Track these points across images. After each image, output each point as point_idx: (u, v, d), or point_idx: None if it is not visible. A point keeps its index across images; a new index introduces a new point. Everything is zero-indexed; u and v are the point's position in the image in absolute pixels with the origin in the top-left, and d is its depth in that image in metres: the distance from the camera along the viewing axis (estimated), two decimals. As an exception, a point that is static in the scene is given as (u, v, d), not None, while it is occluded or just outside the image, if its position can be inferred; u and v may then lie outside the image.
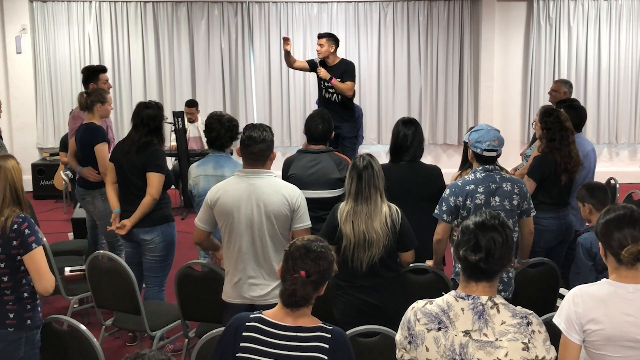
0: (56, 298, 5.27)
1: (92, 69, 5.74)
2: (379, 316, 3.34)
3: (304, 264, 2.37)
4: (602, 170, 6.83)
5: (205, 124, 4.39)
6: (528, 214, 3.70)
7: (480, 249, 2.24)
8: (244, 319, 2.42)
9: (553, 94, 6.20)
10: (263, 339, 2.35)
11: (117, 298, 4.07)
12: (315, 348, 2.33)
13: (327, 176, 4.24)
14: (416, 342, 2.30)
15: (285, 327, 2.37)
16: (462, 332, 2.23)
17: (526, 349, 2.19)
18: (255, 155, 3.43)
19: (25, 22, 9.83)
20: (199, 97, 9.91)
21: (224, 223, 3.44)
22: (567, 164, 4.35)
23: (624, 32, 10.30)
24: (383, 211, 3.40)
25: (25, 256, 2.97)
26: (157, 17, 10.09)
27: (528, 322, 2.24)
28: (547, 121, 4.40)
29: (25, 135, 10.02)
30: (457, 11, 10.26)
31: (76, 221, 6.06)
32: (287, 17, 10.18)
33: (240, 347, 2.35)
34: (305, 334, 2.35)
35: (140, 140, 4.46)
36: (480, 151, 3.63)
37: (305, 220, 3.46)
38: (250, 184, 3.39)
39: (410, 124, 4.29)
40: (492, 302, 2.25)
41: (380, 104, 10.39)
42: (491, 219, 2.31)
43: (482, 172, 3.61)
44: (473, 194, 3.56)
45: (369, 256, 3.38)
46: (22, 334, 3.04)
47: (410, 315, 2.35)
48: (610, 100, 10.42)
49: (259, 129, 3.46)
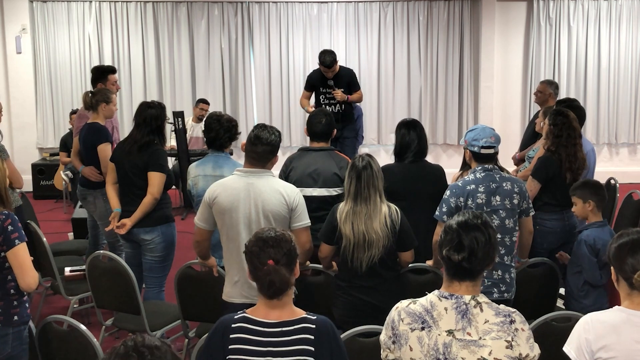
0: (56, 298, 5.27)
1: (101, 69, 5.75)
2: (378, 316, 3.32)
3: (266, 254, 2.37)
4: (602, 170, 6.83)
5: (205, 124, 4.39)
6: (527, 213, 3.69)
7: (463, 249, 2.24)
8: (229, 321, 2.40)
9: (539, 95, 6.13)
10: (251, 338, 2.35)
11: (117, 298, 4.07)
12: (301, 340, 2.34)
13: (327, 175, 4.24)
14: (400, 342, 2.31)
15: (271, 324, 2.37)
16: (446, 332, 2.24)
17: (510, 347, 2.19)
18: (257, 155, 3.43)
19: (25, 22, 9.83)
20: (199, 97, 9.90)
21: (222, 222, 3.45)
22: (572, 163, 4.33)
23: (624, 32, 10.30)
24: (382, 211, 3.40)
25: (8, 252, 2.98)
26: (157, 17, 10.09)
27: (511, 320, 2.24)
28: (556, 119, 4.39)
29: (25, 135, 10.02)
30: (457, 11, 10.27)
31: (76, 221, 6.06)
32: (287, 17, 10.18)
33: (230, 349, 2.35)
34: (290, 327, 2.36)
35: (142, 140, 4.46)
36: (478, 149, 3.61)
37: (304, 219, 3.46)
38: (248, 183, 3.40)
39: (413, 125, 4.30)
40: (475, 302, 2.26)
41: (380, 104, 10.39)
42: (474, 219, 2.31)
43: (481, 171, 3.61)
44: (474, 193, 3.55)
45: (368, 256, 3.38)
46: (9, 330, 3.04)
47: (394, 315, 2.37)
48: (610, 100, 10.43)
49: (268, 130, 3.46)
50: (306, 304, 3.38)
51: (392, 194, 3.58)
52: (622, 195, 5.70)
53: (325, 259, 3.68)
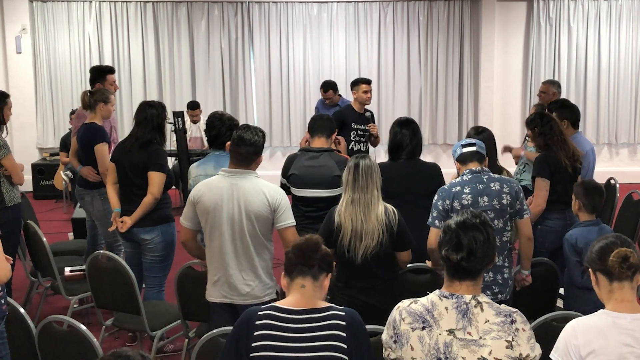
0: (56, 298, 5.27)
1: (100, 69, 5.74)
2: (377, 317, 3.32)
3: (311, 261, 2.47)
4: (602, 170, 6.82)
5: (207, 122, 4.43)
6: (521, 215, 3.63)
7: (462, 248, 2.25)
8: (256, 310, 2.44)
9: (542, 95, 6.17)
10: (278, 324, 2.37)
11: (117, 298, 4.07)
12: (333, 326, 2.36)
13: (327, 175, 4.24)
14: (401, 341, 2.32)
15: (298, 311, 2.40)
16: (447, 331, 2.24)
17: (510, 347, 2.20)
18: (241, 156, 3.46)
19: (25, 22, 9.83)
20: (199, 97, 9.92)
21: (205, 221, 3.47)
22: (569, 158, 4.37)
23: (624, 32, 10.31)
24: (380, 205, 3.41)
25: None
26: (157, 17, 10.09)
27: (512, 320, 2.24)
28: (539, 125, 4.43)
29: (25, 135, 10.02)
30: (457, 11, 10.27)
31: (76, 221, 6.07)
32: (287, 17, 10.18)
33: (255, 336, 2.36)
34: (319, 314, 2.39)
35: (143, 137, 4.47)
36: (460, 150, 3.67)
37: (288, 219, 3.46)
38: (232, 183, 3.42)
39: (406, 123, 4.30)
40: (475, 301, 2.26)
41: (380, 104, 10.39)
42: (472, 218, 2.32)
43: (469, 174, 3.63)
44: (459, 194, 3.55)
45: (364, 246, 3.38)
46: None
47: (395, 314, 2.37)
48: (610, 100, 10.43)
49: (252, 131, 3.48)
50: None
51: (385, 192, 3.58)
52: (622, 195, 5.70)
53: (324, 260, 3.68)
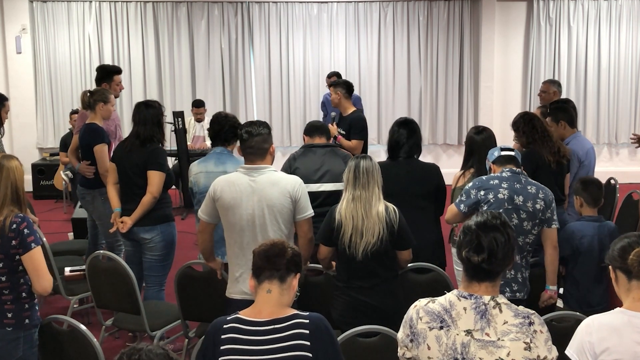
0: (56, 298, 5.27)
1: (107, 69, 5.73)
2: (377, 316, 3.34)
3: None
4: (602, 170, 6.82)
5: (211, 120, 4.47)
6: (550, 224, 3.66)
7: (482, 250, 2.22)
8: (221, 322, 2.44)
9: (542, 94, 6.15)
10: (242, 337, 2.37)
11: (117, 298, 4.07)
12: (296, 335, 2.36)
13: (334, 171, 4.29)
14: (418, 340, 2.30)
15: (262, 323, 2.39)
16: (464, 332, 2.23)
17: (528, 348, 2.19)
18: (253, 149, 3.48)
19: (25, 22, 9.83)
20: (199, 97, 9.92)
21: (225, 218, 3.48)
22: (554, 154, 4.36)
23: (624, 32, 10.30)
24: (381, 203, 3.43)
25: (24, 256, 2.98)
26: (157, 17, 10.09)
27: (530, 322, 2.23)
28: (522, 124, 4.45)
29: (25, 135, 10.02)
30: (457, 11, 10.27)
31: (76, 221, 6.06)
32: (287, 17, 10.18)
33: (221, 350, 2.37)
34: (283, 324, 2.38)
35: (144, 134, 4.49)
36: (498, 153, 3.72)
37: (307, 210, 3.51)
38: (251, 179, 3.44)
39: (405, 123, 4.31)
40: (494, 302, 2.25)
41: (380, 104, 10.39)
42: (493, 219, 2.28)
43: (508, 172, 3.66)
44: (496, 188, 3.59)
45: (365, 243, 3.38)
46: (20, 333, 3.04)
47: (412, 313, 2.35)
48: (610, 100, 10.43)
49: (255, 124, 3.54)
50: (306, 303, 3.40)
51: (385, 192, 3.59)
52: (622, 195, 5.70)
53: (324, 260, 3.69)
